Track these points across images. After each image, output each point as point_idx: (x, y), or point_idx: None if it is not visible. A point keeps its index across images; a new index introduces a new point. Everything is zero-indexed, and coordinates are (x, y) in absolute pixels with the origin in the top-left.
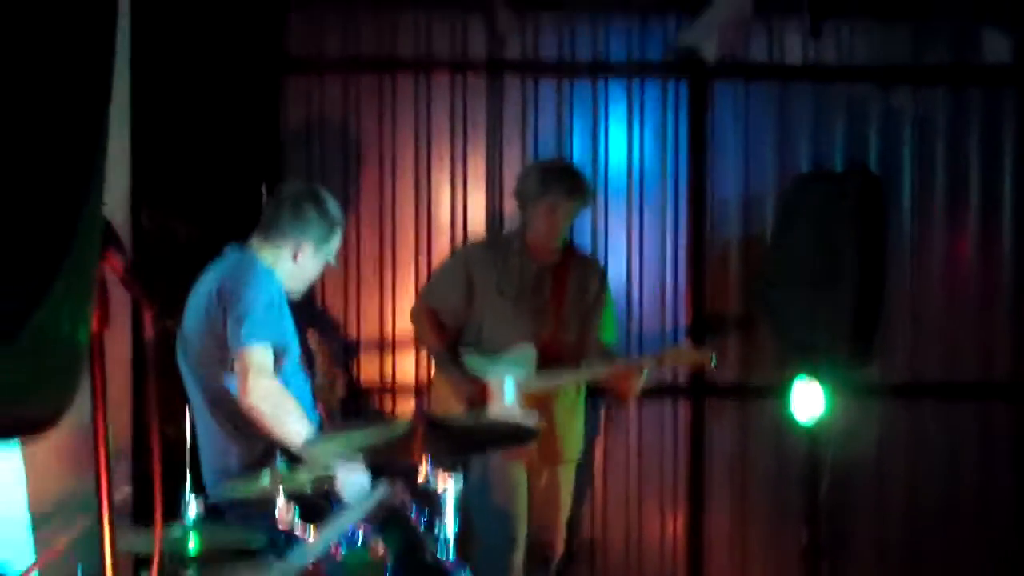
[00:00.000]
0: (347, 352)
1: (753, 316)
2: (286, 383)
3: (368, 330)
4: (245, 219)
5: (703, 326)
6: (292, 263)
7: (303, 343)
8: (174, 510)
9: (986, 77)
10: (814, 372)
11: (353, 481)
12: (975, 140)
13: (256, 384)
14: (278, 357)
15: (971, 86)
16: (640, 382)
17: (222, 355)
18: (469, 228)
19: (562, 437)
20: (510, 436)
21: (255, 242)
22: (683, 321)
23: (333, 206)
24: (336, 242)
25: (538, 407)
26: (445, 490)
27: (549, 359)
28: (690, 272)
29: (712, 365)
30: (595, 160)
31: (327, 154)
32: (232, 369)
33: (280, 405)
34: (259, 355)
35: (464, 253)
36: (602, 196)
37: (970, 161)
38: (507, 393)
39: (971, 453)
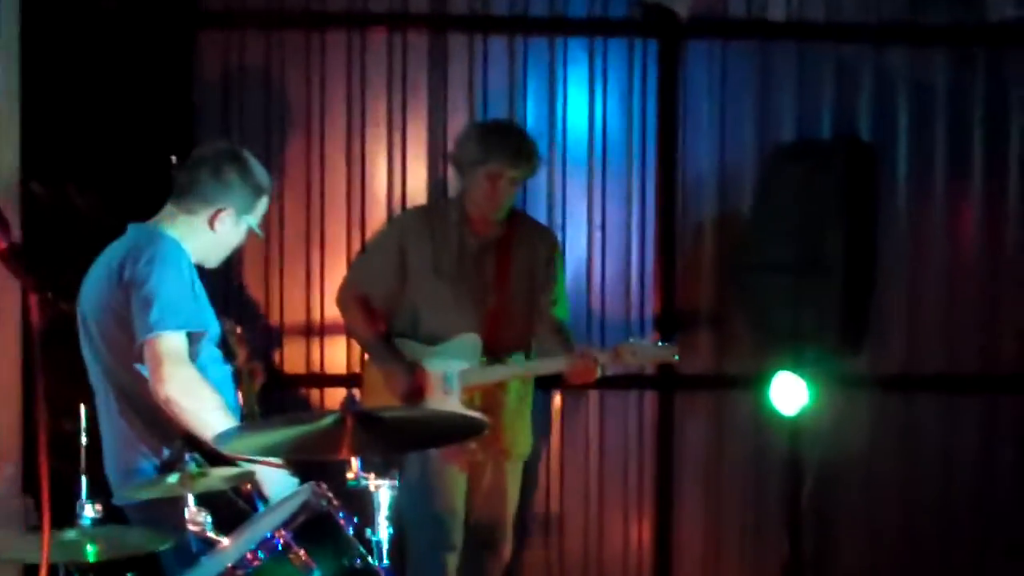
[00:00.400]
0: (268, 339)
1: (729, 302)
2: (203, 370)
3: (292, 314)
4: (152, 189)
5: (672, 317)
6: (209, 231)
7: (220, 326)
8: (71, 514)
9: (990, 36)
10: (797, 362)
11: (274, 481)
12: (978, 106)
13: (172, 374)
14: (194, 342)
15: (974, 46)
16: (595, 376)
17: (130, 342)
18: (408, 201)
19: (509, 432)
20: (451, 431)
21: (166, 211)
22: (650, 310)
23: (258, 169)
24: (261, 209)
25: (483, 401)
26: (377, 491)
27: (495, 347)
28: (659, 254)
29: (675, 361)
30: (552, 129)
31: (247, 119)
32: (142, 358)
33: (200, 397)
34: (172, 343)
35: (398, 223)
36: (560, 171)
37: (972, 129)
38: (448, 386)
39: (973, 452)
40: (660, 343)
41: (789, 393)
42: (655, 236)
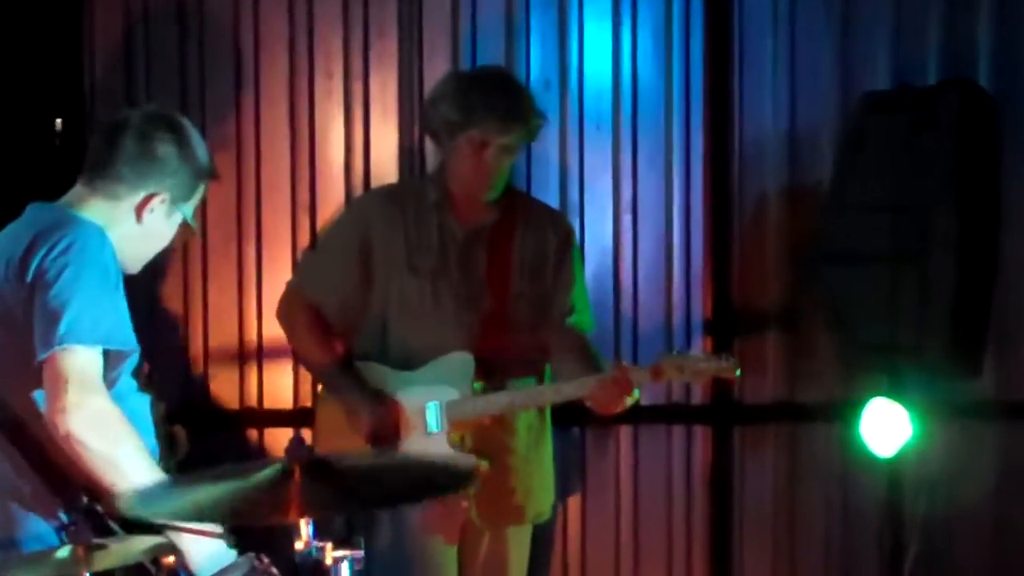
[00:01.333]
0: (187, 371)
1: (803, 305)
2: (120, 401)
3: (220, 333)
4: (31, 165)
5: (729, 320)
6: (134, 223)
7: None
8: None
9: None
10: (894, 385)
11: (203, 554)
12: None
13: (79, 402)
14: (112, 365)
15: None
16: (629, 401)
17: (24, 358)
18: (373, 180)
19: (517, 486)
20: (434, 482)
21: (74, 193)
22: (698, 313)
23: (197, 140)
24: (199, 194)
25: (479, 442)
26: (336, 566)
27: (493, 369)
28: (708, 242)
29: (736, 377)
30: (564, 79)
31: (155, 76)
32: (41, 382)
33: (114, 436)
34: (84, 362)
35: (360, 208)
36: (574, 134)
37: None
38: (430, 423)
39: None
40: (714, 355)
41: (885, 426)
42: (703, 219)
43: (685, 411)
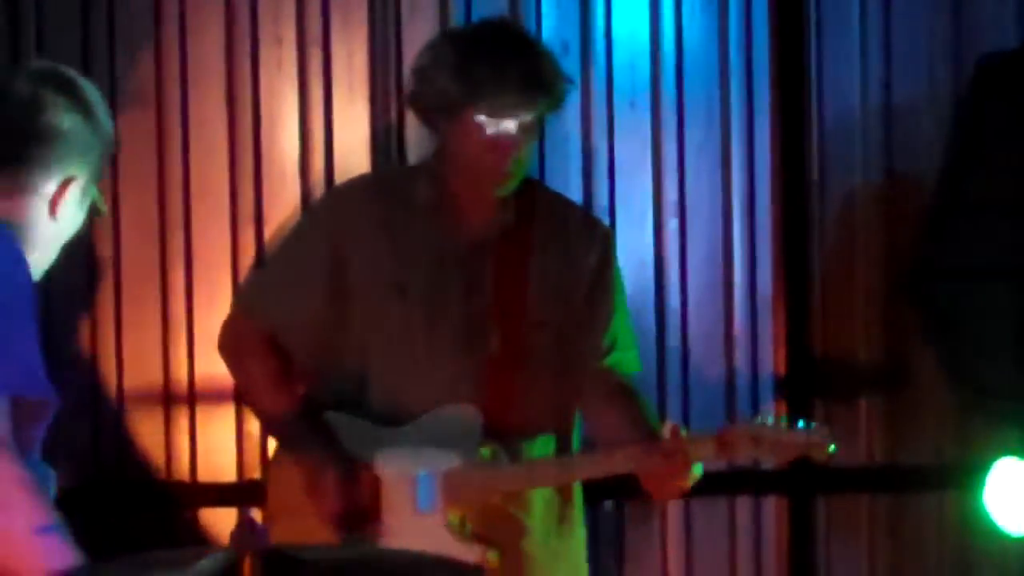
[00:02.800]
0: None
1: (903, 336)
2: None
3: (141, 384)
4: None
5: (807, 360)
6: (49, 220)
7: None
8: None
9: None
10: None
11: None
12: None
13: None
14: (27, 416)
15: None
16: (690, 478)
17: None
18: (339, 172)
19: None
20: None
21: None
22: (767, 349)
23: (99, 101)
24: (104, 168)
25: (486, 526)
26: None
27: (505, 428)
28: (779, 255)
29: (829, 455)
30: (586, 43)
31: (49, 41)
32: None
33: (20, 510)
34: None
35: (329, 208)
36: (602, 113)
37: None
38: (421, 499)
39: None
40: (801, 424)
41: (1015, 494)
42: (772, 225)
43: (753, 478)
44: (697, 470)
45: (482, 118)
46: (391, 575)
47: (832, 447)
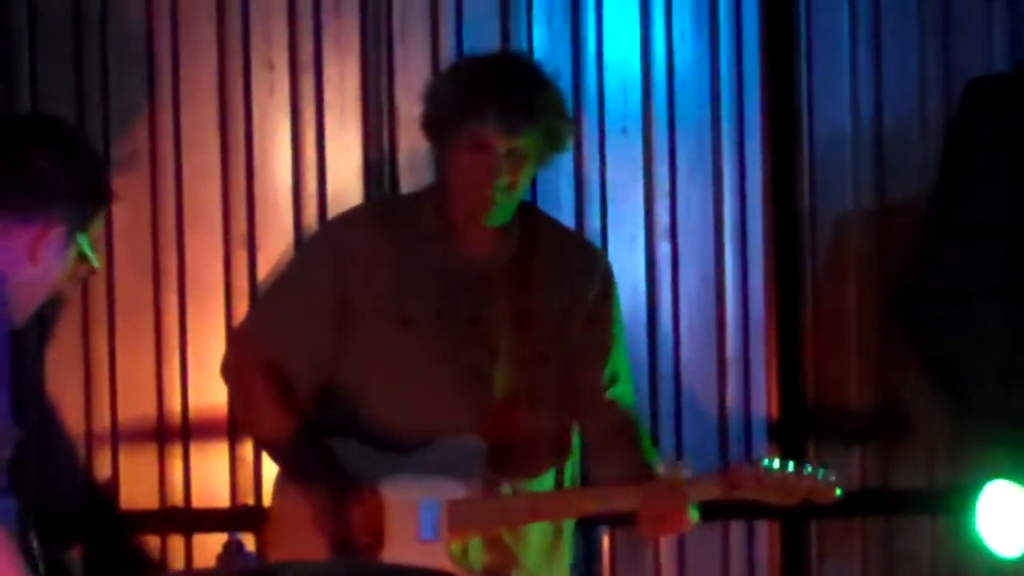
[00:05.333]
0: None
1: (895, 360)
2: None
3: (134, 410)
4: None
5: (798, 381)
6: (29, 265)
7: None
8: None
9: None
10: (1018, 463)
11: None
12: None
13: None
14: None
15: None
16: (688, 521)
17: None
18: (334, 202)
19: None
20: None
21: None
22: (759, 373)
23: (85, 149)
24: (99, 220)
25: (489, 556)
26: None
27: (507, 457)
28: (771, 278)
29: (835, 499)
30: (577, 69)
31: (44, 71)
32: None
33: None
34: None
35: (330, 237)
36: (593, 137)
37: None
38: (424, 527)
39: None
40: (808, 468)
41: (1007, 517)
42: (763, 248)
43: (746, 502)
44: (694, 515)
45: (469, 137)
46: None
47: (839, 491)
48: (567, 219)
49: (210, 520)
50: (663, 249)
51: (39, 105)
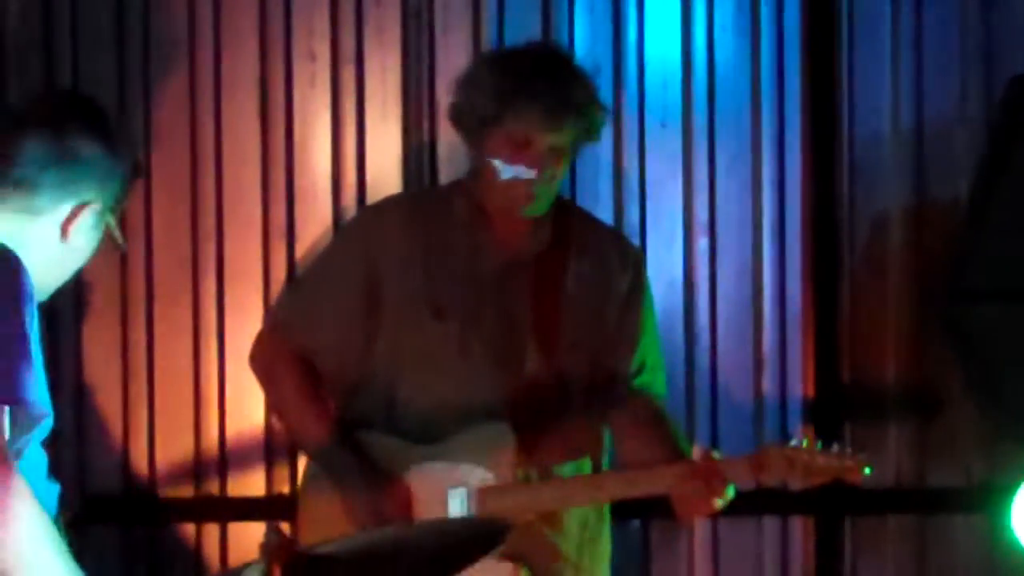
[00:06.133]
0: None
1: (934, 359)
2: (29, 478)
3: (168, 393)
4: None
5: (837, 380)
6: (59, 243)
7: None
8: None
9: None
10: None
11: None
12: None
13: None
14: (22, 429)
15: None
16: (722, 501)
17: None
18: (372, 192)
19: None
20: (463, 545)
21: None
22: (796, 369)
23: (121, 130)
24: (129, 197)
25: (519, 544)
26: None
27: (538, 447)
28: (809, 275)
29: (864, 477)
30: (618, 63)
31: (85, 60)
32: None
33: (8, 516)
34: None
35: (363, 227)
36: (632, 131)
37: None
38: (452, 515)
39: None
40: (835, 447)
41: None
42: (802, 244)
43: (781, 498)
44: (730, 492)
45: (510, 135)
46: (426, 547)
47: (868, 469)
48: (606, 212)
49: (246, 509)
50: (701, 243)
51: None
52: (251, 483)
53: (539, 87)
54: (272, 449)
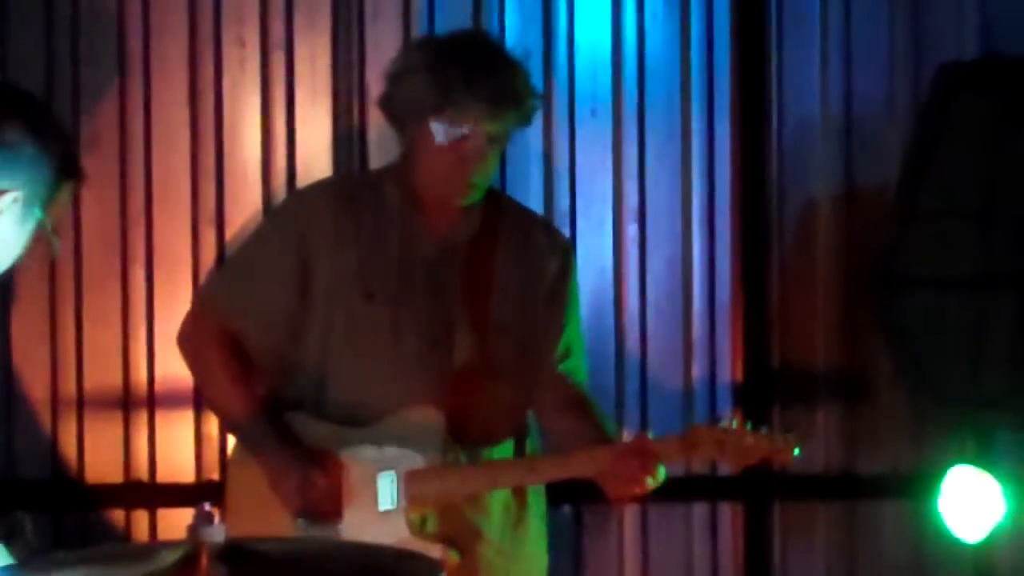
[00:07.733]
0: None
1: (861, 345)
2: None
3: (100, 383)
4: None
5: (765, 367)
6: None
7: None
8: None
9: None
10: (982, 449)
11: None
12: None
13: None
14: None
15: None
16: (653, 480)
17: None
18: (302, 176)
19: None
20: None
21: None
22: (725, 356)
23: (54, 123)
24: (62, 198)
25: (447, 527)
26: None
27: (467, 431)
28: (738, 262)
29: (793, 458)
30: (549, 50)
31: (13, 45)
32: None
33: None
34: None
35: (296, 209)
36: (562, 117)
37: None
38: (383, 498)
39: None
40: (765, 428)
41: (970, 502)
42: (731, 232)
43: (709, 484)
44: (661, 472)
45: (449, 125)
46: (347, 566)
47: (796, 450)
48: (536, 200)
49: (175, 495)
50: (631, 230)
51: (8, 77)
52: (181, 469)
53: (480, 78)
54: (202, 435)
